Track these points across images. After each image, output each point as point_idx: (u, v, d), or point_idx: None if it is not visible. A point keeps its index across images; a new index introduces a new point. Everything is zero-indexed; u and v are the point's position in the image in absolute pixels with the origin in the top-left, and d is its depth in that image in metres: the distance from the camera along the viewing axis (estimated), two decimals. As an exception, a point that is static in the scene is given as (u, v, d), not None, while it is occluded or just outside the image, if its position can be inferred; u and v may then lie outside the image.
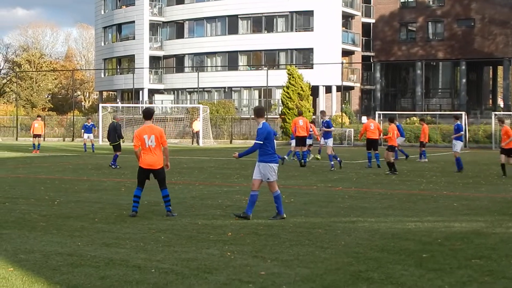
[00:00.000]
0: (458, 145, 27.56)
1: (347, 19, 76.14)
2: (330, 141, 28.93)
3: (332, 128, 30.59)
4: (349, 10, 75.19)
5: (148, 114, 14.33)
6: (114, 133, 29.04)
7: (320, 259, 9.76)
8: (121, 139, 29.31)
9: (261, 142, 13.43)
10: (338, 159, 28.23)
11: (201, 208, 15.27)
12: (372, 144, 29.13)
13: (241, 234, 11.85)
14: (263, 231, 12.14)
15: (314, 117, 60.63)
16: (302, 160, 29.44)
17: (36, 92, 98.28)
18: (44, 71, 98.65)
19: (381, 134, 31.50)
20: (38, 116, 48.56)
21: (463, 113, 53.34)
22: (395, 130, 26.97)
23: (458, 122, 28.28)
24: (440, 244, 11.06)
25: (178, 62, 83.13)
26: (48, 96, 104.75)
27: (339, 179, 23.14)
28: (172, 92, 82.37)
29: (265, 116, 13.87)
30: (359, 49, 77.42)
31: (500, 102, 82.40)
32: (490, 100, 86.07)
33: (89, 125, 44.32)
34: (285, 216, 13.64)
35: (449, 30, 75.25)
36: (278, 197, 13.71)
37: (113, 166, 27.83)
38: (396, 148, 29.08)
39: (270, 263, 9.52)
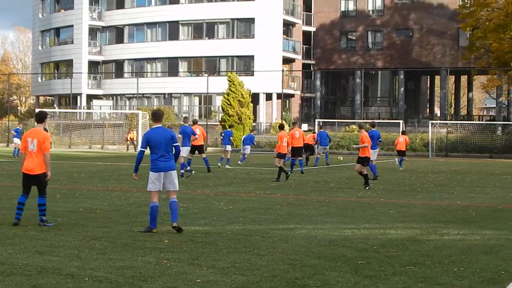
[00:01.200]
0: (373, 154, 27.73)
1: (288, 27, 76.46)
2: None
3: None
4: (290, 18, 75.51)
5: (38, 117, 13.75)
6: None
7: (257, 267, 9.71)
8: None
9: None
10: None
11: (138, 215, 15.11)
12: (297, 151, 29.28)
13: (177, 241, 11.74)
14: (200, 239, 12.06)
15: (254, 124, 60.76)
16: (298, 169, 29.69)
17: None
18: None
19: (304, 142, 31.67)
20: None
21: (401, 121, 53.98)
22: (365, 138, 23.59)
23: (374, 129, 28.45)
24: (376, 251, 11.13)
25: (118, 68, 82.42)
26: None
27: (278, 186, 23.17)
28: (111, 97, 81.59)
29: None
30: (300, 57, 77.78)
31: (437, 111, 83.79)
32: (428, 109, 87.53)
33: (21, 129, 43.68)
34: (155, 230, 12.80)
35: (388, 40, 76.18)
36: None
37: None
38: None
39: (206, 270, 9.44)
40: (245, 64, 75.40)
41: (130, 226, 13.39)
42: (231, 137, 35.21)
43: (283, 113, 68.89)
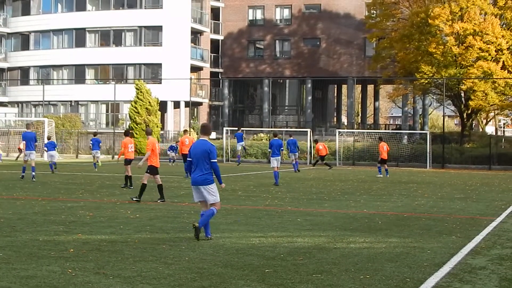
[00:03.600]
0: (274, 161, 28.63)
1: (196, 35, 76.49)
2: None
3: None
4: (198, 26, 75.57)
5: None
6: None
7: (164, 275, 9.69)
8: None
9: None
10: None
11: (43, 224, 14.85)
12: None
13: (83, 250, 11.61)
14: (107, 247, 11.95)
15: (162, 132, 60.50)
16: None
17: None
18: None
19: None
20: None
21: (309, 130, 54.57)
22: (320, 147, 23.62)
23: (276, 138, 29.48)
24: (283, 259, 11.23)
25: (23, 75, 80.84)
26: None
27: (185, 194, 23.11)
28: (16, 105, 79.97)
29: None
30: (208, 65, 77.91)
31: (344, 120, 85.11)
32: (335, 118, 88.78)
33: None
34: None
35: (296, 49, 77.08)
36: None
37: None
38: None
39: (112, 280, 9.36)
40: (153, 72, 75.08)
41: (35, 235, 13.16)
42: None
43: (191, 121, 68.78)
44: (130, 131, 34.96)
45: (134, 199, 20.17)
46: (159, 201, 20.19)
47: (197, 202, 13.49)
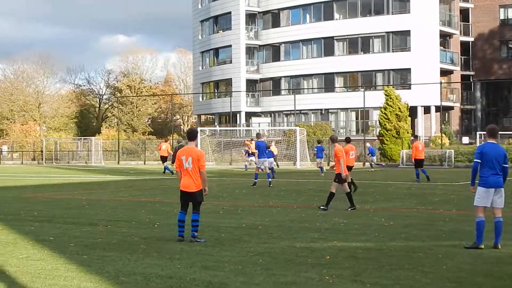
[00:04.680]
0: None
1: (444, 38, 75.09)
2: None
3: None
4: (446, 29, 74.15)
5: (191, 135, 13.90)
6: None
7: (421, 284, 9.54)
8: None
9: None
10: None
11: (299, 231, 15.16)
12: (419, 162, 33.80)
13: (339, 257, 11.70)
14: (362, 255, 11.96)
15: (412, 138, 59.86)
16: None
17: (136, 116, 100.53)
18: (144, 96, 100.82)
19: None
20: (165, 139, 50.96)
21: None
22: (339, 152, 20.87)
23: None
24: (547, 268, 10.67)
25: (275, 85, 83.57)
26: (148, 120, 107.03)
27: (439, 201, 22.68)
28: (269, 114, 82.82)
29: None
30: (458, 68, 76.20)
31: None
32: None
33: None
34: (482, 246, 12.66)
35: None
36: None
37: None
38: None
39: (369, 287, 9.36)
40: (402, 78, 74.60)
41: (291, 242, 13.46)
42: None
43: (442, 126, 67.51)
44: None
45: (322, 207, 19.89)
46: (349, 209, 19.70)
47: (483, 207, 12.79)
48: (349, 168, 25.33)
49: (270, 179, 31.22)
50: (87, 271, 10.60)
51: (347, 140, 26.58)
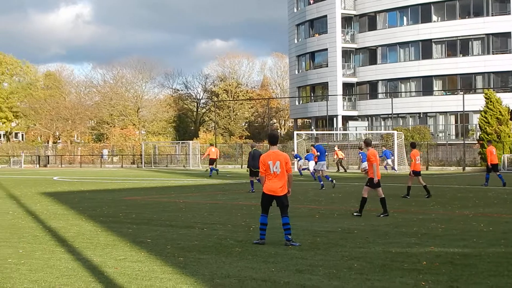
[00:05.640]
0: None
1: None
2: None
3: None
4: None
5: (273, 139, 13.92)
6: (252, 161, 29.85)
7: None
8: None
9: None
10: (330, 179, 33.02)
11: (395, 236, 14.99)
12: (494, 167, 33.42)
13: (436, 263, 11.52)
14: (459, 261, 11.73)
15: (481, 142, 58.46)
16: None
17: (233, 120, 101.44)
18: (240, 100, 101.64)
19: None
20: (211, 144, 53.13)
21: None
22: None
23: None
24: None
25: (372, 88, 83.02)
26: (245, 124, 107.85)
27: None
28: (366, 118, 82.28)
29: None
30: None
31: None
32: None
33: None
34: None
35: None
36: None
37: (251, 191, 29.83)
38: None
39: (466, 294, 9.18)
40: (503, 80, 72.97)
41: (387, 247, 13.32)
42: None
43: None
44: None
45: (355, 214, 19.35)
46: (381, 215, 19.10)
47: None
48: (417, 173, 25.61)
49: (322, 182, 32.71)
50: (183, 273, 10.75)
51: (413, 146, 26.70)
